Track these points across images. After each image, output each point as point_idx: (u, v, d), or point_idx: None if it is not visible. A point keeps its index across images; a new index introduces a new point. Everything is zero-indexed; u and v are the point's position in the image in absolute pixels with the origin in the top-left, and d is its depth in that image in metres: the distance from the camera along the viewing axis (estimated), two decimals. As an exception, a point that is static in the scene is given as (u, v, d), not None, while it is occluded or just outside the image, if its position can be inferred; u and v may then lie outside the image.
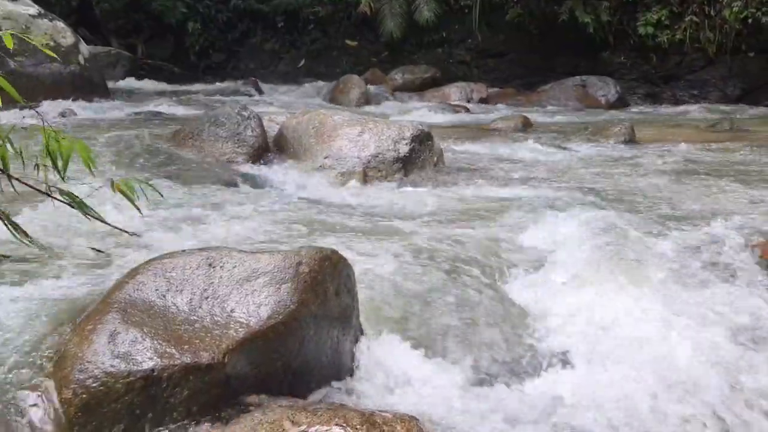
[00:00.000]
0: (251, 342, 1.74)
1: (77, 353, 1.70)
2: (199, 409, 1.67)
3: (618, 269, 2.72)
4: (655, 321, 2.32)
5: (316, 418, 1.57)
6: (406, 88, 11.89)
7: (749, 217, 3.48)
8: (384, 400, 1.85)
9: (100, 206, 2.84)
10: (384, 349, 2.06)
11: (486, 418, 1.82)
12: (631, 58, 12.19)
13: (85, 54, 9.28)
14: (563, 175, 4.90)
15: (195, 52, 15.17)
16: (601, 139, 6.49)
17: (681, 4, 11.52)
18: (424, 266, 2.69)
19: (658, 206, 3.90)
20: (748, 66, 11.29)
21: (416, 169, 4.74)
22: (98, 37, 13.95)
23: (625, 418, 1.83)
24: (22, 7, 9.02)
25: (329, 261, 1.96)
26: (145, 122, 7.14)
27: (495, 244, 3.09)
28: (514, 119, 7.67)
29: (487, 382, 2.06)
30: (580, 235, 3.11)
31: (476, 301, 2.49)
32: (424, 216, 3.67)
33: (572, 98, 10.63)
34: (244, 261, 1.91)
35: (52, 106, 7.75)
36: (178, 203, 3.73)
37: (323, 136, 4.82)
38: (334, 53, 14.52)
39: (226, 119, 5.01)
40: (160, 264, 1.93)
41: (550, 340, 2.31)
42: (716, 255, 2.90)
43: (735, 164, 5.36)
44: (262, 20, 15.10)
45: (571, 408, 1.88)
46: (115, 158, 4.63)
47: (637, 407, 1.86)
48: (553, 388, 2.00)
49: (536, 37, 12.30)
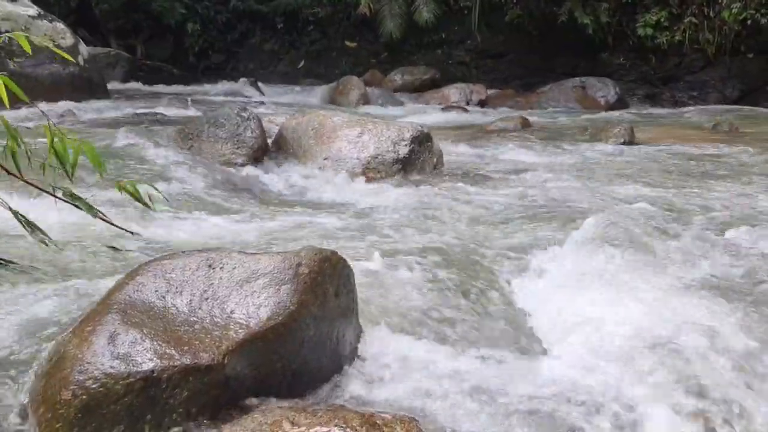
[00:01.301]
0: (251, 343, 1.74)
1: (77, 354, 1.69)
2: (199, 410, 1.66)
3: (617, 271, 2.72)
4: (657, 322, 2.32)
5: (316, 420, 1.57)
6: (405, 89, 11.90)
7: (747, 217, 3.48)
8: (385, 400, 1.85)
9: (101, 207, 2.84)
10: (384, 350, 2.06)
11: (486, 417, 1.82)
12: (630, 59, 12.20)
13: (85, 55, 9.28)
14: (563, 177, 4.90)
15: (194, 53, 15.18)
16: (600, 140, 6.49)
17: (680, 6, 11.53)
18: (424, 267, 2.69)
19: (658, 207, 3.91)
20: (747, 67, 11.30)
21: (416, 170, 4.74)
22: (97, 38, 13.95)
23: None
24: (22, 8, 9.03)
25: (329, 262, 1.96)
26: (144, 123, 7.14)
27: (495, 245, 3.10)
28: (514, 120, 7.68)
29: (488, 382, 2.06)
30: (579, 236, 3.10)
31: (477, 302, 2.49)
32: (424, 216, 3.67)
33: (571, 99, 10.63)
34: (244, 262, 1.91)
35: (51, 107, 7.76)
36: (177, 204, 3.73)
37: (323, 137, 4.82)
38: (333, 54, 14.53)
39: (226, 120, 5.01)
40: (160, 265, 1.93)
41: (548, 337, 2.31)
42: (717, 256, 2.90)
43: (735, 165, 5.36)
44: (261, 21, 15.11)
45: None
46: (113, 160, 4.62)
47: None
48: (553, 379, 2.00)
49: (536, 38, 12.31)
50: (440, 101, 10.84)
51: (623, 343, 2.12)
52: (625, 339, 2.14)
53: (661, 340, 2.11)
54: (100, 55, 12.08)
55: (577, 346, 2.16)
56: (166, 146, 4.88)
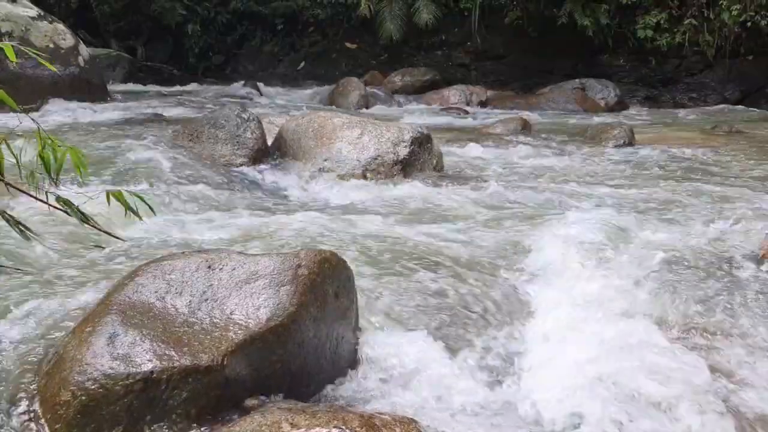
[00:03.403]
0: (250, 344, 1.74)
1: (76, 355, 1.69)
2: (198, 411, 1.66)
3: (616, 273, 2.72)
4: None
5: (315, 421, 1.57)
6: (405, 90, 11.89)
7: (747, 217, 3.48)
8: (383, 402, 1.85)
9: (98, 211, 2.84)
10: (383, 351, 2.06)
11: (485, 417, 1.82)
12: (630, 61, 12.20)
13: (85, 56, 9.27)
14: (563, 178, 4.91)
15: (194, 54, 15.17)
16: (600, 142, 6.49)
17: (680, 8, 11.54)
18: (424, 268, 2.69)
19: (658, 208, 3.91)
20: (747, 69, 11.31)
21: (416, 171, 4.73)
22: (98, 39, 13.94)
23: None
24: (22, 8, 9.02)
25: (328, 263, 1.96)
26: (144, 124, 7.14)
27: (494, 246, 3.10)
28: (514, 122, 7.67)
29: (488, 380, 2.06)
30: (579, 238, 3.10)
31: (477, 302, 2.49)
32: (424, 218, 3.67)
33: (571, 101, 10.62)
34: (244, 263, 1.91)
35: (51, 108, 7.76)
36: (177, 206, 3.73)
37: (323, 139, 4.82)
38: (333, 56, 14.53)
39: (226, 121, 5.01)
40: (160, 266, 1.93)
41: (551, 338, 2.31)
42: (716, 256, 2.90)
43: (734, 166, 5.36)
44: (261, 23, 15.11)
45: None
46: (113, 161, 4.63)
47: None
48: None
49: (535, 40, 12.31)
50: (440, 103, 10.83)
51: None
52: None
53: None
54: (100, 56, 12.07)
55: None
56: (166, 147, 4.88)
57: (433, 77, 12.22)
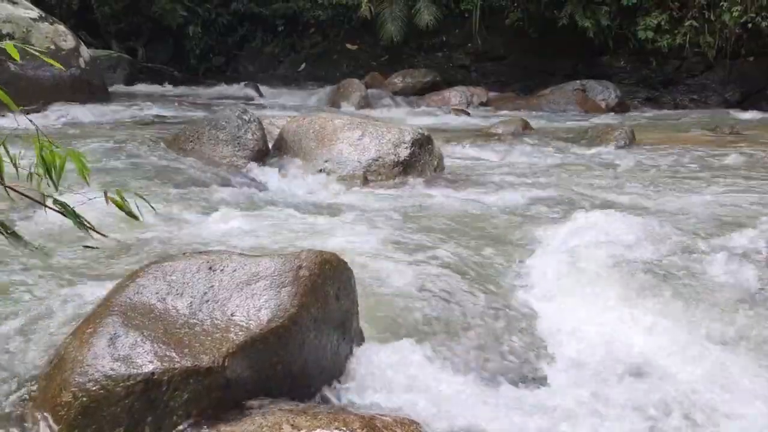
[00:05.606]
0: (251, 345, 1.73)
1: (77, 356, 1.69)
2: (199, 412, 1.66)
3: (615, 274, 2.72)
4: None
5: (317, 422, 1.57)
6: (406, 91, 11.89)
7: (748, 219, 3.48)
8: (385, 403, 1.85)
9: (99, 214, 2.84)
10: (384, 353, 2.06)
11: (487, 419, 1.82)
12: (630, 62, 12.21)
13: (86, 57, 9.28)
14: (563, 179, 4.91)
15: (195, 56, 15.18)
16: (601, 143, 6.49)
17: (681, 9, 11.54)
18: (424, 270, 2.68)
19: (658, 208, 3.91)
20: (748, 70, 11.31)
21: (416, 172, 4.73)
22: (98, 41, 13.96)
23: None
24: (23, 10, 9.03)
25: (329, 264, 1.96)
26: (145, 125, 7.14)
27: (494, 247, 3.09)
28: (514, 123, 7.67)
29: (489, 384, 2.06)
30: (579, 239, 3.10)
31: (477, 305, 2.49)
32: (425, 219, 3.67)
33: (572, 102, 10.62)
34: (245, 264, 1.91)
35: (52, 109, 7.76)
36: (177, 207, 3.73)
37: (324, 140, 4.82)
38: (334, 57, 14.54)
39: (227, 122, 5.01)
40: (160, 267, 1.93)
41: (550, 342, 2.31)
42: (717, 257, 2.90)
43: (734, 167, 5.36)
44: (262, 24, 15.12)
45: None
46: (114, 162, 4.63)
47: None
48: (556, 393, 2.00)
49: (536, 42, 12.31)
50: (441, 104, 10.83)
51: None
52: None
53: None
54: (101, 58, 12.07)
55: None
56: (167, 148, 4.89)
57: (434, 78, 12.22)
